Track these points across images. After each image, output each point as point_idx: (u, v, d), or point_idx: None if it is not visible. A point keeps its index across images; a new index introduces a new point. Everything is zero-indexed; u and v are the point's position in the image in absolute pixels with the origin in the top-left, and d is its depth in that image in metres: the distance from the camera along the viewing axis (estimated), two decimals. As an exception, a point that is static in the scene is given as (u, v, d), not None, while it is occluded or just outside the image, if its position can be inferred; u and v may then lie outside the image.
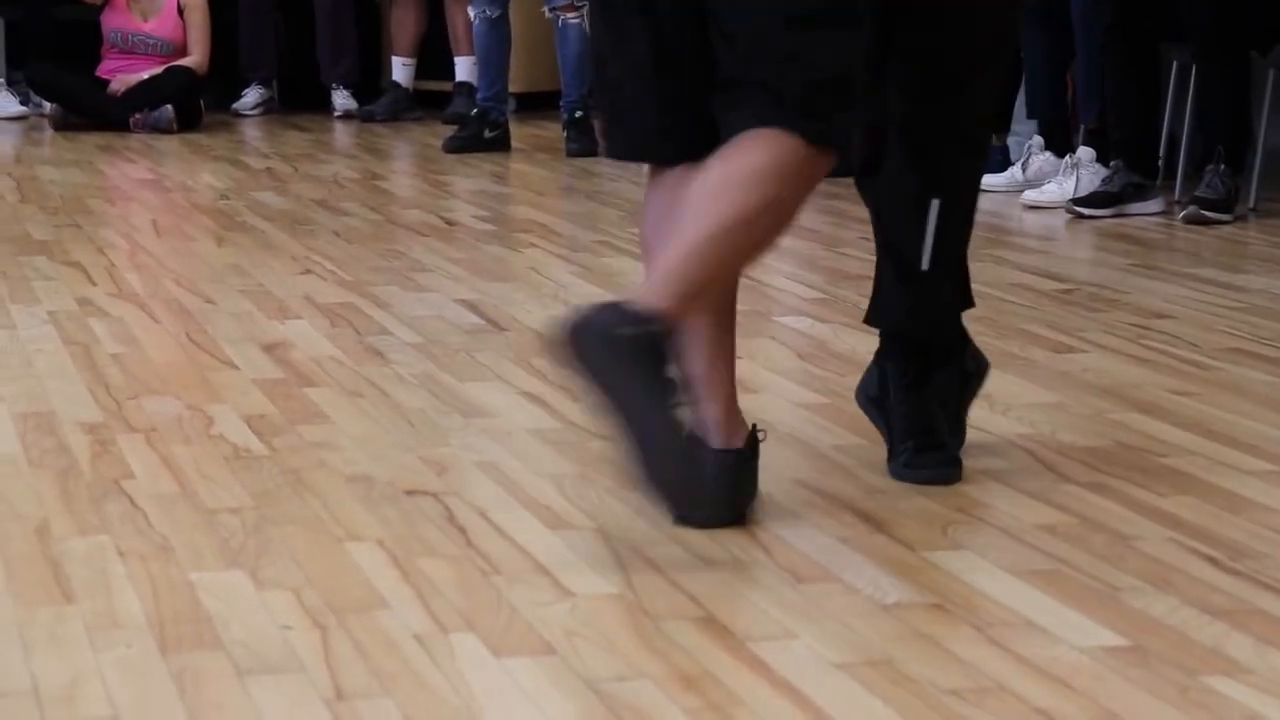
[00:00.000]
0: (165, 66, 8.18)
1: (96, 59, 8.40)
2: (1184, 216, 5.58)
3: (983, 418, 3.29)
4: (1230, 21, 5.56)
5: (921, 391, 2.93)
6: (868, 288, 4.65)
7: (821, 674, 2.12)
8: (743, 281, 4.76)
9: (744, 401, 3.43)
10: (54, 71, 8.39)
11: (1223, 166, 5.59)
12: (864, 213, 5.69)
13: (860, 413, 3.16)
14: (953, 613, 2.32)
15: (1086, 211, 5.72)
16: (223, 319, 4.13)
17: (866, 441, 3.12)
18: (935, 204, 2.88)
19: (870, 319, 3.04)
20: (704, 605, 2.34)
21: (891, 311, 2.98)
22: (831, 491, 2.84)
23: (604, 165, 7.34)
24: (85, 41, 8.53)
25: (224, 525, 2.64)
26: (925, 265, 2.91)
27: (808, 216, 6.08)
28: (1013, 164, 6.37)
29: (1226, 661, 2.16)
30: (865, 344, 3.92)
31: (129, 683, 2.07)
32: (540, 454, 3.05)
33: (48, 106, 8.53)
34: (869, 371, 3.07)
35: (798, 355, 3.87)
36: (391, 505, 2.75)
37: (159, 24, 8.29)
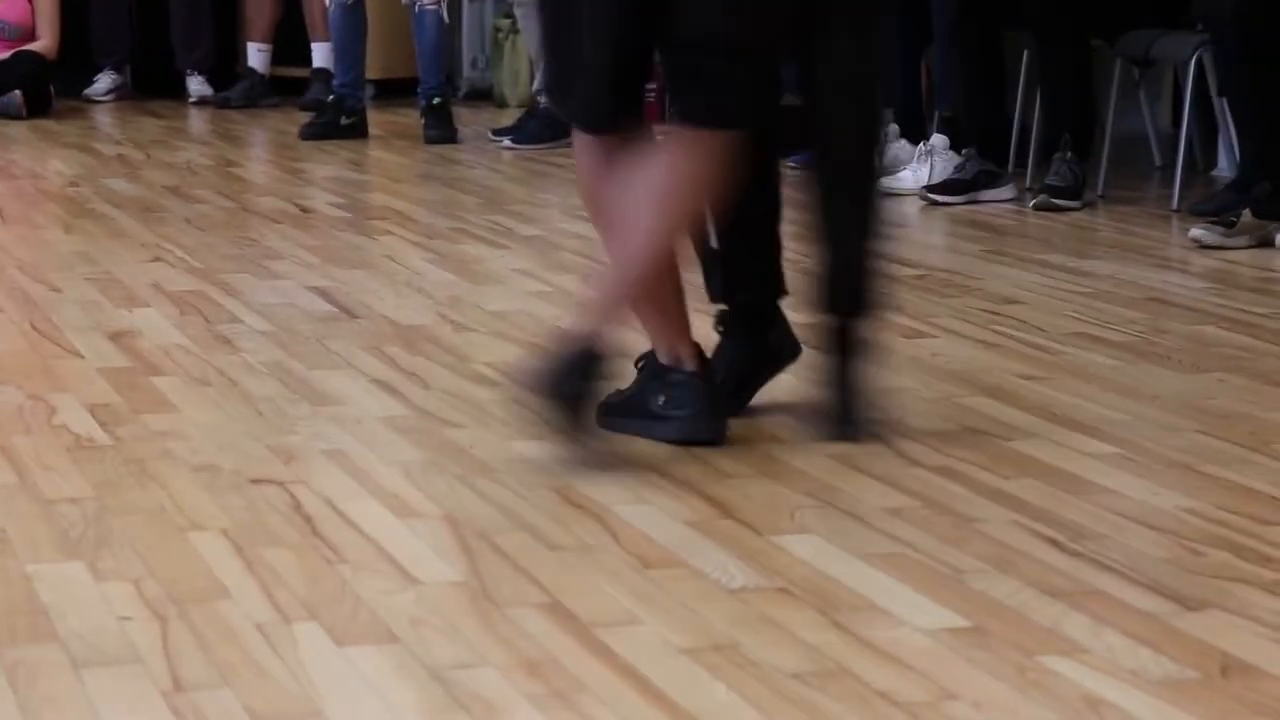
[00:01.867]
0: (13, 51, 8.03)
1: (-57, 44, 8.24)
2: (1034, 204, 5.65)
3: (832, 403, 3.31)
4: (1068, 9, 5.63)
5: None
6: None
7: (665, 658, 2.13)
8: (599, 268, 4.77)
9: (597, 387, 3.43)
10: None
11: (1069, 154, 5.66)
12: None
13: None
14: (798, 597, 2.33)
15: (940, 199, 5.77)
16: (68, 307, 4.06)
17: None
18: None
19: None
20: (549, 591, 2.33)
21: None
22: (680, 476, 2.85)
23: (462, 153, 7.31)
24: (-68, 25, 8.36)
25: (64, 516, 2.60)
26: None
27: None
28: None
29: (1064, 641, 2.19)
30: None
31: (-40, 677, 2.03)
32: (389, 442, 3.03)
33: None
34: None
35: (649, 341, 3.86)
36: (237, 494, 2.72)
37: (6, 8, 8.14)
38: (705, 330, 3.21)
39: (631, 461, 2.92)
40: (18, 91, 7.93)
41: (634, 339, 3.14)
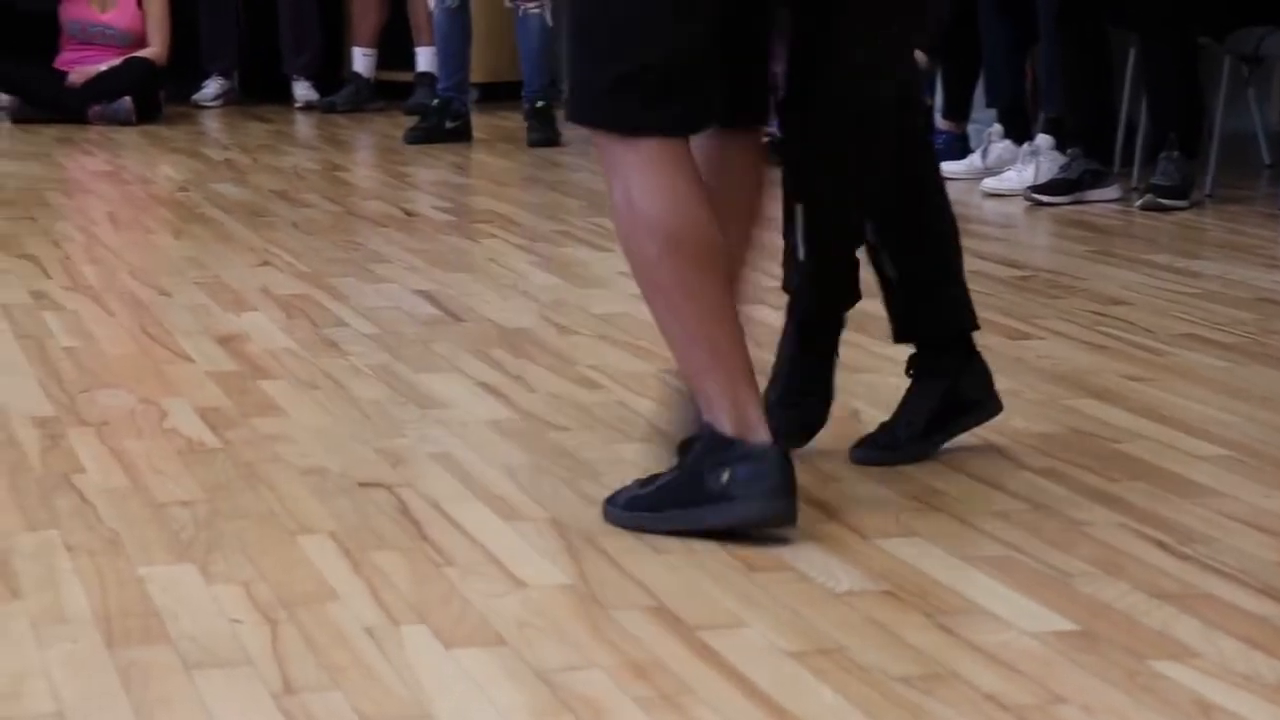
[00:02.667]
0: (124, 58, 8.14)
1: (55, 50, 8.36)
2: (1141, 204, 5.60)
3: (938, 405, 3.29)
4: (1174, 7, 5.58)
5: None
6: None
7: (771, 661, 2.12)
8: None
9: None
10: (12, 64, 8.34)
11: (1176, 153, 5.61)
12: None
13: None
14: (904, 600, 2.33)
15: (1045, 199, 5.73)
16: (178, 312, 4.11)
17: (824, 429, 3.12)
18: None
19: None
20: (655, 594, 2.34)
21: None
22: (786, 480, 2.84)
23: (566, 155, 7.34)
24: (44, 33, 8.48)
25: (175, 519, 2.63)
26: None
27: (771, 205, 6.08)
28: (972, 151, 6.38)
29: (1175, 645, 2.17)
30: (822, 332, 3.93)
31: (75, 678, 2.06)
32: (495, 445, 3.05)
33: (4, 99, 8.48)
34: None
35: (754, 344, 3.85)
36: (345, 498, 2.75)
37: (118, 14, 8.24)
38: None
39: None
40: (128, 97, 8.04)
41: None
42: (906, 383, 3.05)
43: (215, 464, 2.92)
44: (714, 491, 2.53)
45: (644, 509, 2.59)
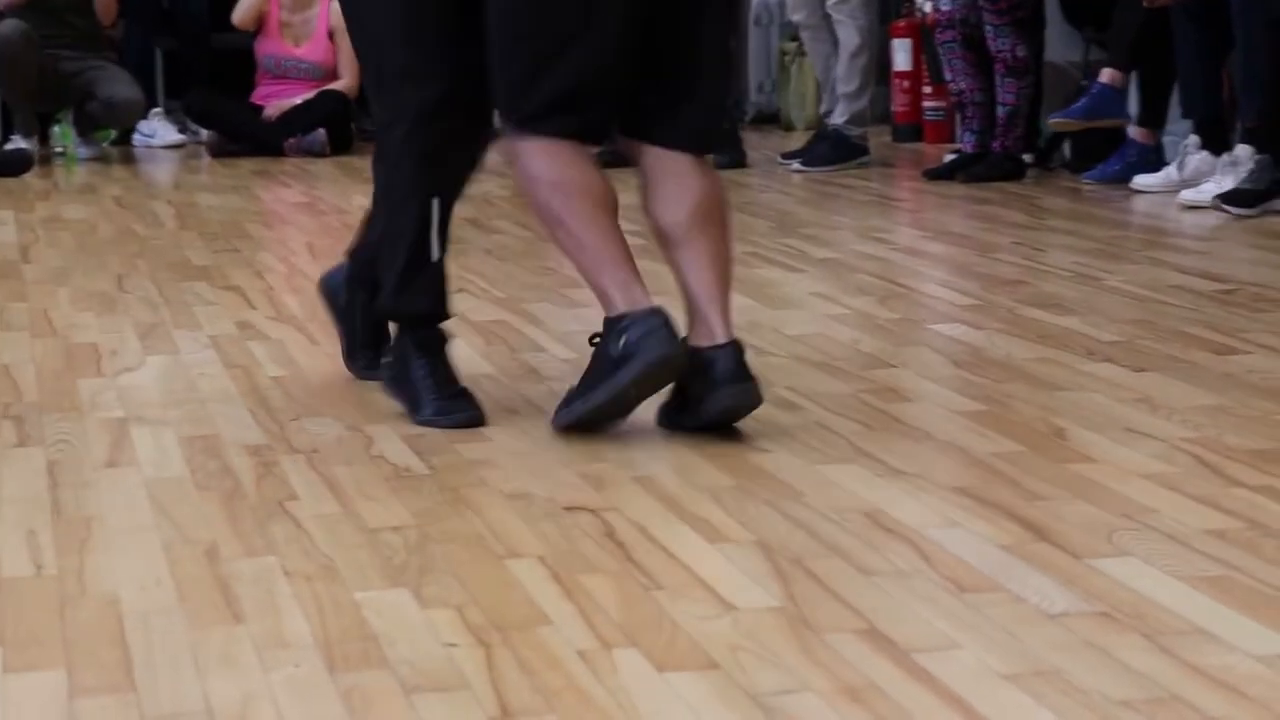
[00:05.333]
0: (317, 91, 8.29)
1: (251, 86, 8.54)
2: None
3: (1146, 421, 3.25)
4: None
5: None
6: (1023, 293, 4.61)
7: (988, 685, 2.10)
8: (896, 290, 4.77)
9: (901, 410, 3.42)
10: (210, 99, 8.55)
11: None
12: (1016, 217, 5.64)
13: (1021, 419, 3.13)
14: (1121, 621, 2.29)
15: (1232, 209, 5.62)
16: (380, 339, 4.16)
17: (1026, 448, 3.09)
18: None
19: None
20: (866, 617, 2.33)
21: None
22: (992, 499, 2.82)
23: (752, 177, 7.34)
24: (240, 69, 8.68)
25: (387, 544, 2.67)
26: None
27: (958, 222, 6.05)
28: (1168, 163, 6.28)
29: (1406, 667, 2.11)
30: (1021, 350, 3.89)
31: (299, 702, 2.10)
32: (697, 467, 3.05)
33: (204, 134, 8.68)
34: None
35: (953, 363, 3.84)
36: (551, 521, 2.77)
37: (311, 49, 8.40)
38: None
39: (940, 485, 2.90)
40: (322, 130, 8.19)
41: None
42: (1113, 401, 3.01)
43: (423, 489, 2.95)
44: (618, 357, 3.13)
45: (575, 400, 3.20)
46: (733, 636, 2.27)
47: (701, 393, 3.21)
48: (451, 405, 3.35)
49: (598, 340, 3.21)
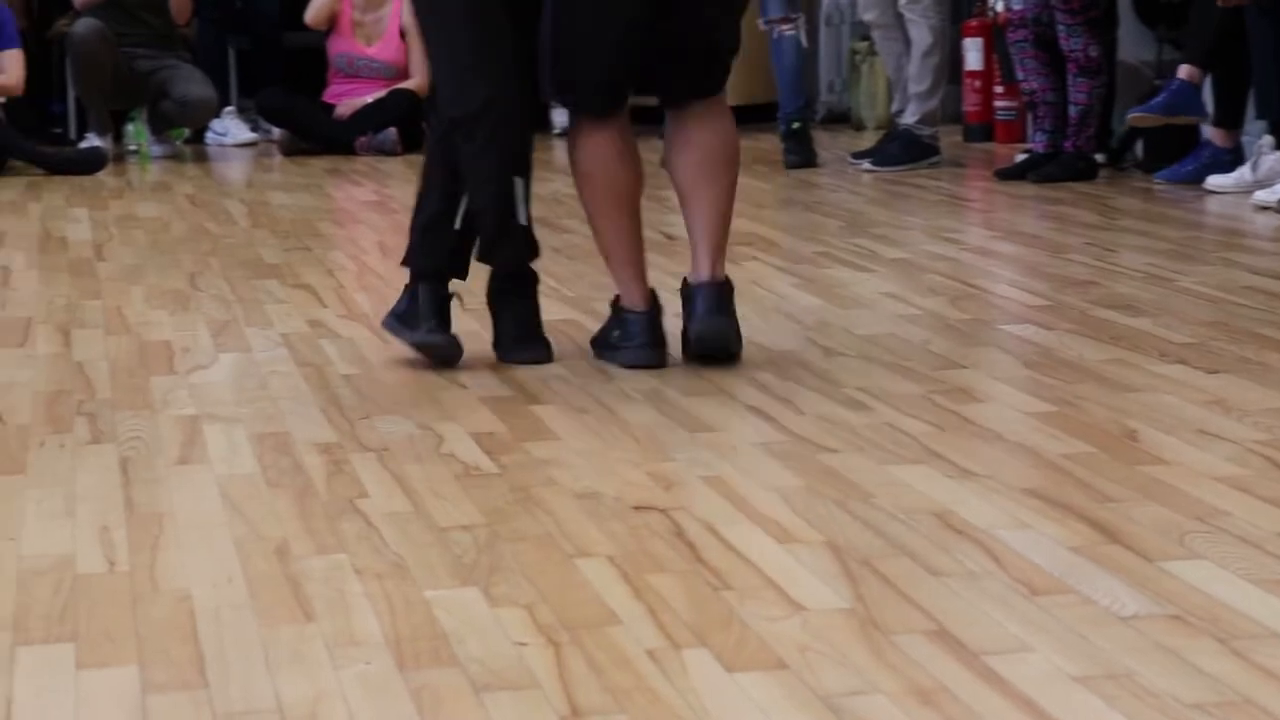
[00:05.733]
0: (388, 89, 8.33)
1: (323, 84, 8.58)
2: None
3: (1218, 423, 3.22)
4: None
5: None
6: (1095, 293, 4.58)
7: (1059, 687, 2.09)
8: (967, 290, 4.74)
9: (972, 411, 3.41)
10: (282, 98, 8.59)
11: None
12: (1088, 217, 5.60)
13: (1093, 420, 3.11)
14: (1193, 624, 2.28)
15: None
16: (450, 338, 4.18)
17: (1097, 450, 3.08)
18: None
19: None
20: (936, 618, 2.32)
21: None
22: (1062, 501, 2.80)
23: (822, 176, 7.33)
24: (312, 67, 8.72)
25: (456, 543, 2.68)
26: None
27: (1030, 222, 6.02)
28: (1243, 164, 6.23)
29: None
30: (1093, 351, 3.87)
31: (370, 700, 2.11)
32: (766, 467, 3.05)
33: (276, 132, 8.73)
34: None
35: (1024, 364, 3.82)
36: (619, 521, 2.77)
37: (382, 48, 8.44)
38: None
39: (1010, 486, 2.89)
40: (393, 128, 8.23)
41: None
42: (1185, 403, 2.99)
43: (492, 488, 2.96)
44: (611, 342, 3.85)
45: (602, 347, 3.89)
46: (802, 637, 2.27)
47: (685, 324, 3.80)
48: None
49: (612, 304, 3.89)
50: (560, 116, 8.85)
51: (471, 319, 4.41)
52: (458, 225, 3.88)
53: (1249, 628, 2.26)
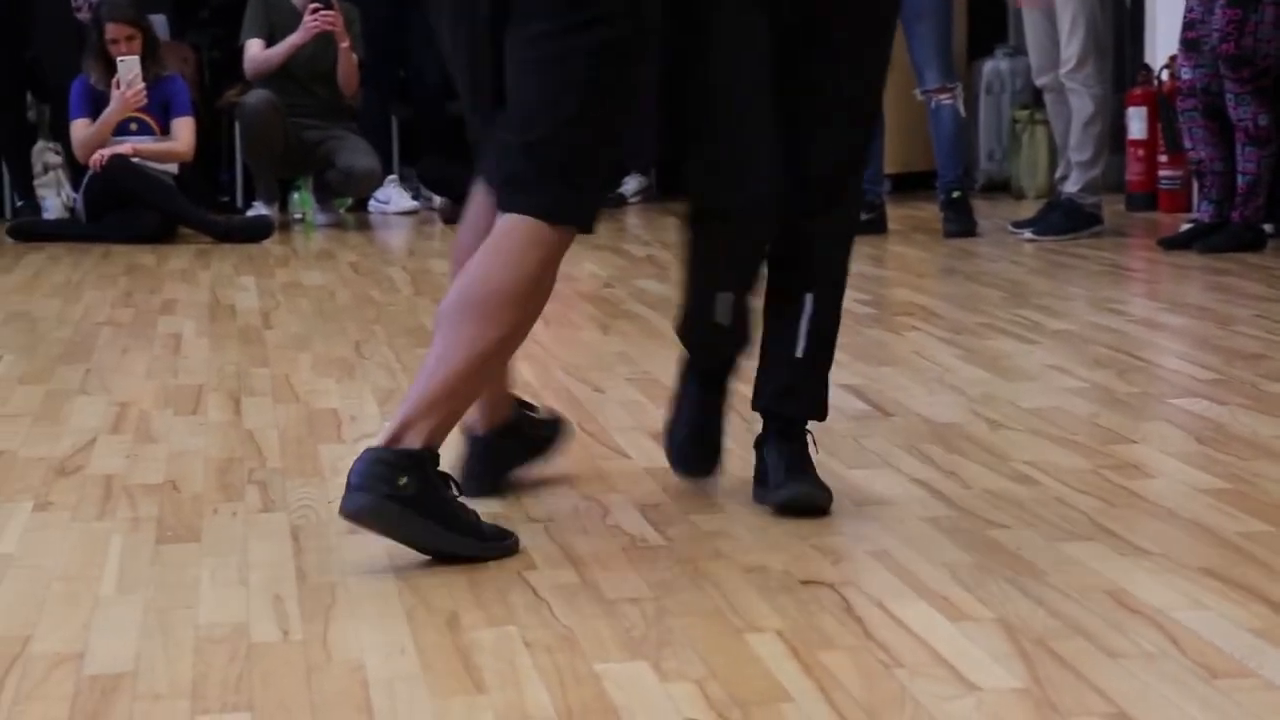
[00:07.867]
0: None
1: (482, 154, 8.67)
2: None
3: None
4: None
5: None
6: (1265, 367, 4.51)
7: (1243, 775, 2.05)
8: (1134, 363, 4.68)
9: (1143, 486, 3.36)
10: (443, 165, 8.70)
11: None
12: (1256, 288, 5.50)
13: (1270, 498, 3.05)
14: (1380, 712, 2.22)
15: None
16: (613, 408, 4.20)
17: (1275, 528, 3.02)
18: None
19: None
20: (1114, 701, 2.28)
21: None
22: (1241, 581, 2.75)
23: (982, 245, 7.28)
24: (471, 137, 8.81)
25: (625, 616, 2.67)
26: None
27: (1196, 293, 5.93)
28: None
29: None
30: (1267, 426, 3.80)
31: (542, 774, 2.11)
32: (934, 542, 3.02)
33: (437, 200, 8.84)
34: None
35: (1196, 439, 3.76)
36: (788, 595, 2.76)
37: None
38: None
39: (1185, 565, 2.84)
40: (551, 198, 8.28)
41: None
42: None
43: (659, 560, 2.96)
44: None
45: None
46: (975, 718, 2.24)
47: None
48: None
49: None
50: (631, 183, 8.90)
51: (634, 389, 4.42)
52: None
53: None
